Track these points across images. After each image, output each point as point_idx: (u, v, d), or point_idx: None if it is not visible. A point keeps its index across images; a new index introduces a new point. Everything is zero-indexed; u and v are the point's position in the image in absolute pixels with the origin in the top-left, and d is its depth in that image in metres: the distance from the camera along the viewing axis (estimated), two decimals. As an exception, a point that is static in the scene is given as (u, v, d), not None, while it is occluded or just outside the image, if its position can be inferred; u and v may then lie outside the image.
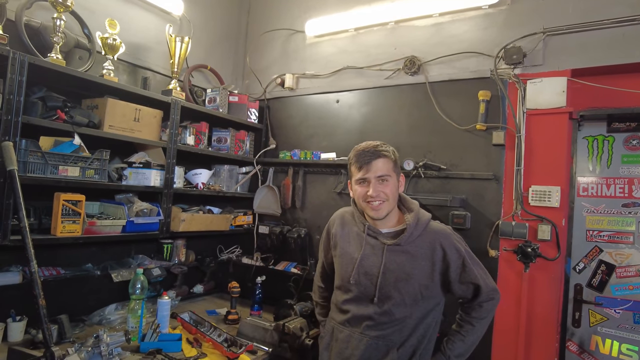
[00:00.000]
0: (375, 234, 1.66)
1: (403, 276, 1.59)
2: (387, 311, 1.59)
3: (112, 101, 2.22)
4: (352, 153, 1.66)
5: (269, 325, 2.28)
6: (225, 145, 2.90)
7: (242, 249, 3.17)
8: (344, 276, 1.69)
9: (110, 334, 2.00)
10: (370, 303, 1.60)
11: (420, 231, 1.63)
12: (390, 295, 1.59)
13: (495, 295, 1.67)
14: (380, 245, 1.63)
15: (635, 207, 2.19)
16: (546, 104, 2.21)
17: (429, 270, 1.60)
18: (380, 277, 1.59)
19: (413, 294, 1.59)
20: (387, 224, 1.67)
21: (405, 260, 1.60)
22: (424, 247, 1.61)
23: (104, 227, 2.19)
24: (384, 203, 1.59)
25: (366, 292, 1.62)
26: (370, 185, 1.57)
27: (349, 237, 1.73)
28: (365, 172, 1.58)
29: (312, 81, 3.02)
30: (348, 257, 1.68)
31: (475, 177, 2.37)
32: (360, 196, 1.61)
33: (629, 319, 2.16)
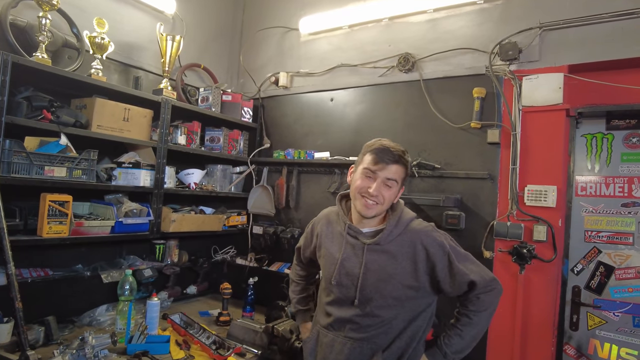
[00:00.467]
0: (355, 233, 1.61)
1: (384, 276, 1.54)
2: (369, 313, 1.54)
3: (100, 101, 2.20)
4: (375, 144, 1.56)
5: (259, 328, 2.25)
6: (218, 145, 2.87)
7: (236, 249, 3.15)
8: (326, 277, 1.65)
9: (96, 336, 1.98)
10: (351, 305, 1.56)
11: (400, 230, 1.57)
12: (372, 296, 1.54)
13: (494, 285, 1.56)
14: (361, 245, 1.58)
15: (635, 206, 2.12)
16: (542, 101, 2.15)
17: (412, 270, 1.54)
18: (360, 278, 1.54)
19: (396, 295, 1.54)
20: (369, 223, 1.62)
21: (385, 260, 1.55)
22: (405, 247, 1.55)
23: (92, 227, 2.17)
24: (377, 205, 1.54)
25: (347, 293, 1.58)
26: (375, 184, 1.52)
27: (332, 236, 1.69)
28: (380, 168, 1.51)
29: (307, 79, 2.98)
30: (331, 257, 1.64)
31: (470, 176, 2.32)
32: (358, 187, 1.55)
33: (629, 322, 2.10)
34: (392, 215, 1.60)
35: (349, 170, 1.68)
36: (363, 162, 1.57)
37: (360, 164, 1.58)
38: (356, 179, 1.57)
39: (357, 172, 1.59)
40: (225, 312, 2.58)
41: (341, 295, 1.60)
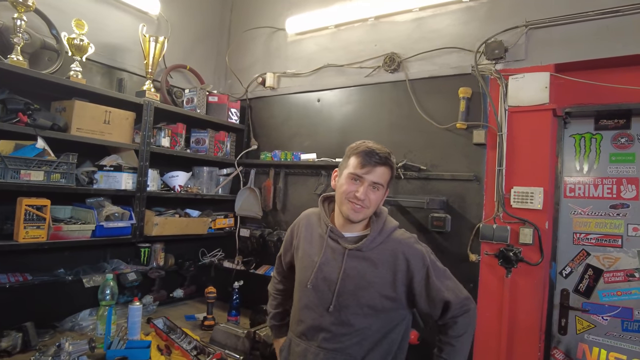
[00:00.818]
0: (337, 237, 1.57)
1: (363, 284, 1.50)
2: (344, 321, 1.49)
3: (79, 103, 2.17)
4: (360, 146, 1.51)
5: (241, 333, 2.21)
6: (204, 147, 2.84)
7: (224, 252, 3.12)
8: (302, 280, 1.59)
9: (73, 342, 1.96)
10: (326, 311, 1.51)
11: (383, 238, 1.54)
12: (348, 303, 1.50)
13: (469, 304, 1.53)
14: (341, 249, 1.54)
15: (623, 208, 2.08)
16: (528, 101, 2.11)
17: (391, 280, 1.50)
18: (338, 283, 1.50)
19: (372, 303, 1.50)
20: (352, 228, 1.58)
21: (365, 267, 1.51)
22: (386, 255, 1.52)
23: (71, 232, 2.14)
24: (364, 209, 1.50)
25: (323, 298, 1.53)
26: (362, 188, 1.47)
27: (312, 239, 1.64)
28: (366, 172, 1.47)
29: (294, 80, 2.95)
30: (308, 260, 1.59)
31: (455, 177, 2.27)
32: (345, 192, 1.50)
33: (617, 326, 2.05)
34: (376, 222, 1.56)
35: (333, 174, 1.63)
36: (348, 166, 1.52)
37: (346, 168, 1.53)
38: (342, 184, 1.52)
39: (342, 177, 1.54)
40: (210, 316, 2.55)
41: (316, 300, 1.54)
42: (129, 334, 2.22)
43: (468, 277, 2.21)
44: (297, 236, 1.70)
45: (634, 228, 2.04)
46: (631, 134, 2.08)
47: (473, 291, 2.20)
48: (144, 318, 2.48)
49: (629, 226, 2.06)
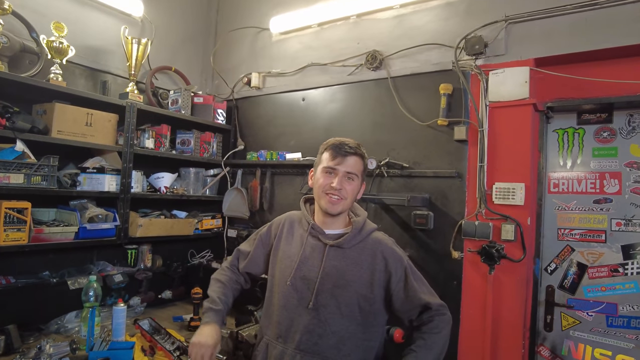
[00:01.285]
0: (317, 233, 1.57)
1: (341, 283, 1.50)
2: (322, 321, 1.49)
3: (60, 106, 2.18)
4: (330, 141, 1.57)
5: (225, 333, 2.20)
6: (189, 148, 2.84)
7: (213, 253, 3.11)
8: (281, 279, 1.58)
9: (54, 344, 1.96)
10: (304, 309, 1.50)
11: (363, 237, 1.56)
12: (326, 302, 1.50)
13: (444, 311, 1.54)
14: (322, 246, 1.55)
15: (606, 203, 2.06)
16: (509, 96, 2.09)
17: (369, 279, 1.51)
18: (318, 281, 1.50)
19: (350, 303, 1.50)
20: (333, 225, 1.59)
21: (345, 265, 1.52)
22: (365, 254, 1.54)
23: (53, 234, 2.15)
24: (342, 200, 1.53)
25: (302, 298, 1.52)
26: (337, 178, 1.51)
27: (292, 238, 1.64)
28: (338, 163, 1.51)
29: (279, 79, 2.95)
30: (288, 259, 1.59)
31: (438, 175, 2.26)
32: (321, 186, 1.53)
33: (602, 322, 2.03)
34: (356, 220, 1.59)
35: (309, 174, 1.66)
36: (322, 161, 1.57)
37: (320, 164, 1.57)
38: (317, 179, 1.56)
39: (317, 172, 1.58)
40: (196, 317, 2.54)
41: (295, 300, 1.53)
42: (113, 335, 2.22)
43: (451, 275, 2.21)
44: (277, 237, 1.69)
45: (617, 223, 2.02)
46: (613, 128, 2.06)
47: (457, 289, 2.19)
48: (131, 319, 2.49)
49: (612, 221, 2.04)
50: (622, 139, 2.04)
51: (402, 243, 2.34)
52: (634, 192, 1.99)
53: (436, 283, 2.22)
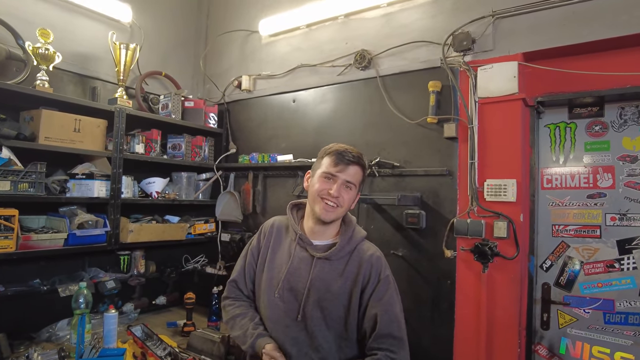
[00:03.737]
0: (305, 244, 1.54)
1: (327, 296, 1.47)
2: (309, 332, 1.46)
3: (47, 112, 2.17)
4: (332, 147, 1.53)
5: (217, 338, 2.19)
6: (180, 152, 2.83)
7: (207, 258, 3.09)
8: (268, 290, 1.54)
9: (42, 353, 1.94)
10: (292, 321, 1.47)
11: (351, 248, 1.53)
12: (313, 314, 1.46)
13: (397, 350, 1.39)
14: (309, 258, 1.52)
15: (600, 197, 2.02)
16: (498, 92, 2.07)
17: (351, 290, 1.48)
18: (305, 293, 1.47)
19: (336, 316, 1.47)
20: (323, 235, 1.56)
21: (331, 278, 1.49)
22: (351, 265, 1.51)
23: (42, 241, 2.14)
24: (337, 208, 1.50)
25: (289, 309, 1.49)
26: (336, 185, 1.48)
27: (280, 247, 1.60)
28: (339, 170, 1.48)
29: (269, 82, 2.93)
30: (275, 270, 1.55)
31: (429, 173, 2.23)
32: (318, 191, 1.49)
33: (599, 319, 1.99)
34: (345, 230, 1.56)
35: (305, 177, 1.61)
36: (322, 166, 1.52)
37: (319, 169, 1.53)
38: (314, 183, 1.52)
39: (315, 177, 1.54)
40: (189, 322, 2.52)
41: (282, 312, 1.49)
42: (104, 342, 2.20)
43: (444, 274, 2.17)
44: (265, 245, 1.64)
45: (611, 217, 1.99)
46: (605, 122, 2.04)
47: (450, 288, 2.15)
48: (124, 326, 2.47)
49: (606, 215, 2.00)
50: (614, 132, 2.01)
51: (394, 243, 2.31)
52: (628, 186, 1.96)
53: (429, 283, 2.21)
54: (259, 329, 1.50)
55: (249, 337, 1.47)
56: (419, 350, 2.13)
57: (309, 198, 1.55)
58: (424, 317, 2.21)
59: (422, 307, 2.22)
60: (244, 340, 1.49)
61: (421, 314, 2.22)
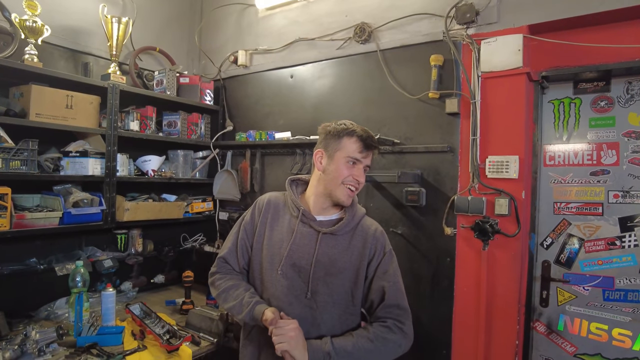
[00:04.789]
0: (309, 220, 1.51)
1: (333, 270, 1.46)
2: (314, 309, 1.45)
3: (37, 88, 2.11)
4: (356, 129, 1.47)
5: (215, 315, 2.19)
6: (176, 130, 2.77)
7: (206, 236, 3.08)
8: (269, 267, 1.51)
9: (40, 330, 1.94)
10: (295, 298, 1.45)
11: (355, 223, 1.54)
12: (319, 290, 1.46)
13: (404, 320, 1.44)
14: (314, 233, 1.49)
15: (604, 174, 1.99)
16: (501, 66, 2.01)
17: (358, 265, 1.49)
18: (312, 270, 1.45)
19: (342, 291, 1.47)
20: (326, 211, 1.55)
21: (337, 253, 1.48)
22: (356, 240, 1.51)
23: (36, 219, 2.10)
24: (354, 193, 1.52)
25: (292, 285, 1.46)
26: (360, 171, 1.49)
27: (279, 224, 1.56)
28: (365, 156, 1.49)
29: (266, 57, 2.85)
30: (276, 247, 1.51)
31: (429, 150, 2.19)
32: (342, 176, 1.46)
33: (598, 296, 1.99)
34: (350, 206, 1.55)
35: (316, 155, 1.53)
36: (342, 148, 1.47)
37: (339, 150, 1.48)
38: (340, 168, 1.47)
39: (335, 160, 1.48)
40: (188, 300, 2.52)
41: (284, 288, 1.46)
42: (103, 320, 2.20)
43: (444, 252, 2.16)
44: (261, 222, 1.58)
45: (614, 195, 1.96)
46: (611, 97, 1.98)
47: (450, 266, 2.14)
48: (123, 304, 2.47)
49: (609, 193, 1.97)
50: (620, 107, 1.96)
51: (394, 221, 2.29)
52: (632, 163, 1.92)
53: (429, 260, 2.20)
54: (255, 297, 1.48)
55: (246, 306, 1.44)
56: (419, 327, 2.11)
57: (328, 180, 1.49)
58: (423, 295, 2.21)
59: (422, 284, 2.21)
60: (240, 310, 1.45)
61: (421, 292, 2.21)
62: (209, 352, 2.06)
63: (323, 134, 1.53)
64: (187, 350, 1.97)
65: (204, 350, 2.06)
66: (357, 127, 1.49)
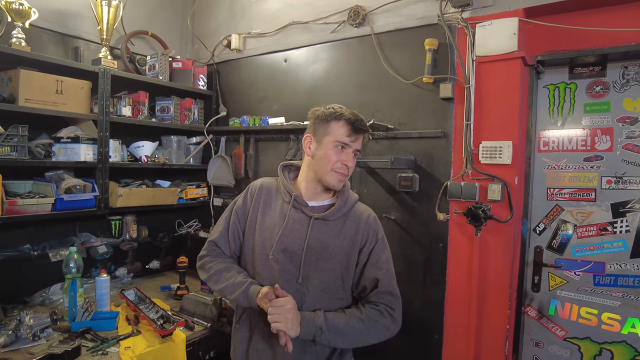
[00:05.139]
0: (301, 206, 1.51)
1: (325, 255, 1.46)
2: (304, 293, 1.45)
3: (25, 72, 2.08)
4: (344, 112, 1.44)
5: (209, 300, 2.20)
6: (169, 115, 2.75)
7: (201, 222, 3.08)
8: (260, 252, 1.50)
9: (34, 316, 1.94)
10: (286, 283, 1.45)
11: (347, 209, 1.52)
12: (310, 275, 1.46)
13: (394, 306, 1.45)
14: (306, 218, 1.49)
15: (597, 160, 1.98)
16: (496, 50, 1.98)
17: (349, 250, 1.48)
18: (303, 255, 1.45)
19: (332, 275, 1.47)
20: (318, 197, 1.53)
21: (328, 238, 1.47)
22: (349, 226, 1.50)
23: (28, 206, 2.10)
24: (345, 177, 1.50)
25: (284, 270, 1.46)
26: (350, 156, 1.46)
27: (271, 209, 1.56)
28: (354, 140, 1.45)
29: (259, 40, 2.81)
30: (267, 232, 1.51)
31: (423, 135, 2.18)
32: (331, 161, 1.44)
33: (589, 281, 2.00)
34: (342, 192, 1.54)
35: (305, 141, 1.52)
36: (330, 133, 1.45)
37: (327, 135, 1.45)
38: (328, 154, 1.44)
39: (324, 144, 1.45)
40: (182, 285, 2.53)
41: (275, 273, 1.46)
42: (97, 306, 2.22)
43: (437, 237, 2.17)
44: (253, 207, 1.57)
45: (607, 180, 1.96)
46: (606, 82, 1.96)
47: (442, 251, 2.15)
48: (117, 290, 2.48)
49: (602, 179, 1.97)
50: (616, 92, 1.94)
51: (387, 207, 2.29)
52: (626, 149, 1.92)
53: (421, 246, 2.20)
54: (250, 279, 1.49)
55: (239, 286, 1.44)
56: (411, 312, 2.16)
57: (317, 165, 1.47)
58: (415, 280, 2.22)
59: (414, 269, 2.22)
60: (233, 290, 1.45)
61: (413, 277, 2.22)
62: (202, 337, 2.08)
63: (312, 119, 1.51)
64: (181, 335, 1.99)
65: (198, 334, 2.07)
66: (345, 111, 1.45)
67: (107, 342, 1.86)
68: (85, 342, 1.87)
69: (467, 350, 2.06)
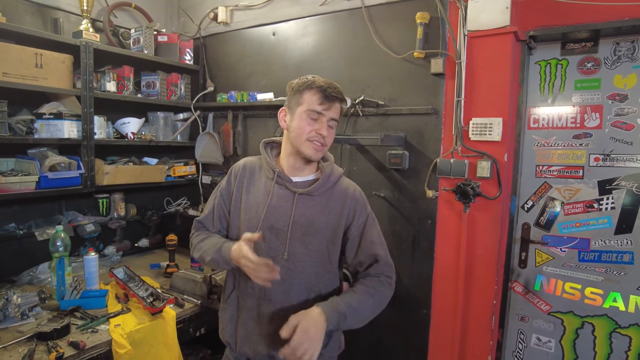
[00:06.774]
0: (284, 182, 1.49)
1: (311, 230, 1.45)
2: (292, 269, 1.45)
3: (2, 45, 2.00)
4: (315, 80, 1.41)
5: (199, 278, 2.20)
6: (155, 90, 2.68)
7: (189, 200, 3.05)
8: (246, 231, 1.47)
9: (22, 295, 1.93)
10: (273, 260, 1.43)
11: (332, 183, 1.50)
12: (297, 251, 1.45)
13: (391, 274, 1.49)
14: (290, 194, 1.47)
15: (586, 138, 1.98)
16: (488, 24, 1.94)
17: (336, 225, 1.48)
18: (289, 231, 1.44)
19: (319, 249, 1.47)
20: (301, 172, 1.51)
21: (314, 213, 1.46)
22: (334, 201, 1.49)
23: (11, 184, 2.05)
24: (324, 148, 1.46)
25: (271, 247, 1.46)
26: (324, 124, 1.41)
27: (255, 187, 1.54)
28: (326, 108, 1.41)
29: (247, 13, 2.73)
30: (252, 210, 1.50)
31: (414, 112, 2.16)
32: (305, 131, 1.41)
33: (574, 257, 2.04)
34: (326, 165, 1.52)
35: (280, 114, 1.50)
36: (303, 102, 1.42)
37: (299, 105, 1.42)
38: (301, 125, 1.42)
39: (297, 115, 1.43)
40: (172, 263, 2.53)
41: (262, 251, 1.45)
42: (86, 285, 2.21)
43: (426, 214, 2.17)
44: (237, 187, 1.56)
45: (595, 158, 1.97)
46: (598, 58, 1.94)
47: (431, 228, 2.16)
48: (107, 268, 2.47)
49: (590, 156, 1.98)
50: (607, 69, 1.93)
51: (377, 184, 2.28)
52: (614, 126, 1.92)
53: (410, 223, 2.21)
54: (224, 239, 1.51)
55: (214, 246, 1.47)
56: (400, 287, 2.16)
57: (292, 137, 1.45)
58: (404, 256, 2.24)
59: (403, 246, 2.24)
60: (210, 252, 1.47)
61: (402, 253, 2.24)
62: (192, 314, 2.09)
63: (288, 92, 1.48)
64: (171, 312, 1.99)
65: (188, 312, 2.08)
66: (318, 79, 1.42)
67: (96, 320, 1.86)
68: (74, 320, 1.87)
69: (454, 324, 2.11)
